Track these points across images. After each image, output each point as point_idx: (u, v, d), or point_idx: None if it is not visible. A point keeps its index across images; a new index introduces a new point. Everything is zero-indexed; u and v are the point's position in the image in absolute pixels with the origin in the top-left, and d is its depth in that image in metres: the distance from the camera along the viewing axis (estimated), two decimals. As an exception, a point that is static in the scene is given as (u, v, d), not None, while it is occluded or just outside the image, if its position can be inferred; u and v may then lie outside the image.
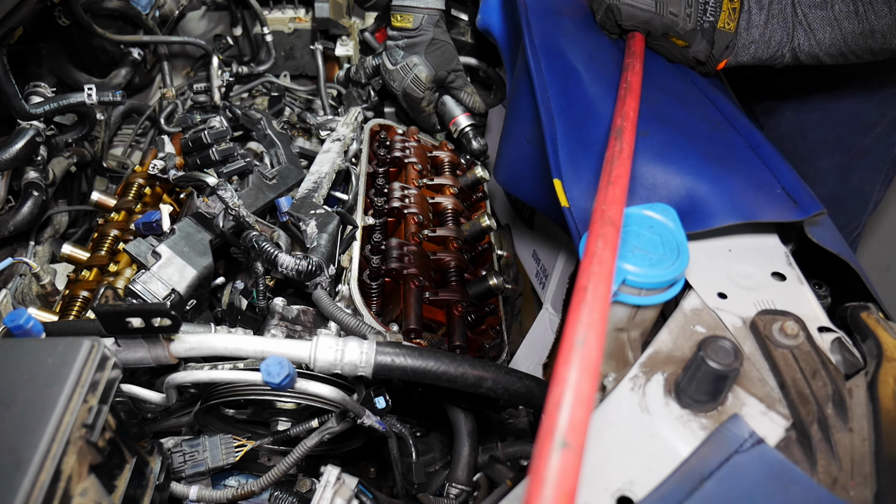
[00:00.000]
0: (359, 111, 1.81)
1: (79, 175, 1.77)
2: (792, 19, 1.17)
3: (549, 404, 0.57)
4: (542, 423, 0.56)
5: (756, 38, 1.19)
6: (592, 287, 0.66)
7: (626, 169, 0.83)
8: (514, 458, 1.22)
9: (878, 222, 2.69)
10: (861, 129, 1.68)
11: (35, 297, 1.42)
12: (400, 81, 1.66)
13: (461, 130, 1.72)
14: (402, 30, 1.62)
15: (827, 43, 1.18)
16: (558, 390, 0.57)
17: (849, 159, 1.72)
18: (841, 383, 0.75)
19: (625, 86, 1.00)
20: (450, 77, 1.68)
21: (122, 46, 1.82)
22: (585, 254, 0.71)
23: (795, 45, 1.19)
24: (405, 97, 1.69)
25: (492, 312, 1.46)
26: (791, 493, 0.66)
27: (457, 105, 1.73)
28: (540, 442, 0.54)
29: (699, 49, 1.20)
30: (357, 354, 0.94)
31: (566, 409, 0.55)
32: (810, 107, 1.72)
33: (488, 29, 1.63)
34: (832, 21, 1.16)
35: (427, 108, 1.71)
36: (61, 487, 0.64)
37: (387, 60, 1.67)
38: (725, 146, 1.07)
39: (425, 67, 1.63)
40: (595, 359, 0.59)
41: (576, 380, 0.57)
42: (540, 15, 1.25)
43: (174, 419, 1.25)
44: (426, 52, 1.62)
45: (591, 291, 0.65)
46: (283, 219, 1.38)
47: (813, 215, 0.94)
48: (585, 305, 0.64)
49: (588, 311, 0.63)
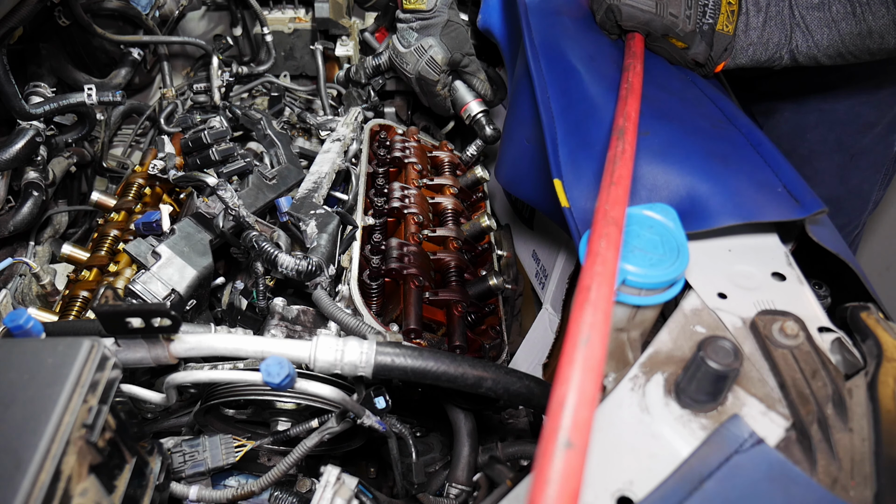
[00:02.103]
0: (359, 111, 1.81)
1: (79, 175, 1.77)
2: (790, 21, 1.18)
3: (553, 404, 0.56)
4: (545, 423, 0.56)
5: (754, 41, 1.20)
6: (596, 287, 0.66)
7: (629, 169, 0.83)
8: (514, 458, 1.22)
9: (878, 222, 2.69)
10: (860, 129, 1.68)
11: (35, 297, 1.42)
12: (414, 64, 1.61)
13: (474, 117, 1.68)
14: (416, 11, 1.58)
15: (825, 44, 1.18)
16: (562, 390, 0.57)
17: (848, 159, 1.72)
18: (841, 383, 0.75)
19: (626, 86, 1.00)
20: (464, 61, 1.63)
21: (122, 46, 1.82)
22: (589, 253, 0.70)
23: (793, 47, 1.20)
24: (419, 80, 1.65)
25: (492, 312, 1.46)
26: (791, 493, 0.66)
27: (468, 91, 1.69)
28: (544, 442, 0.54)
29: (698, 51, 1.20)
30: (357, 354, 0.94)
31: (570, 409, 0.55)
32: (809, 108, 1.72)
33: (489, 29, 1.63)
34: (830, 22, 1.16)
35: (442, 92, 1.67)
36: (61, 487, 0.64)
37: (398, 43, 1.63)
38: (726, 144, 1.07)
39: (441, 49, 1.58)
40: (599, 359, 0.59)
41: (580, 379, 0.57)
42: (540, 15, 1.25)
43: (174, 419, 1.25)
44: (441, 33, 1.58)
45: (594, 291, 0.65)
46: (283, 219, 1.38)
47: (814, 213, 0.94)
48: (589, 305, 0.64)
49: (592, 311, 0.63)
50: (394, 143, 1.71)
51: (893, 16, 1.14)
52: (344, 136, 1.65)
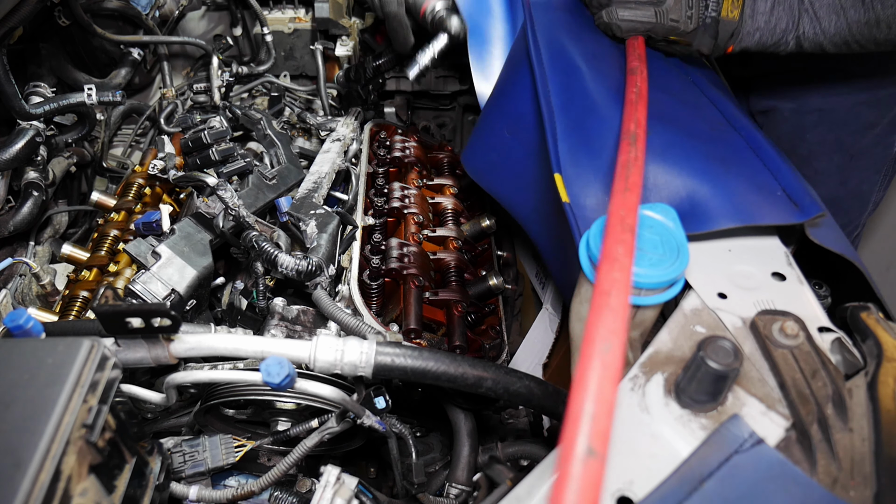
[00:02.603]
0: (359, 111, 1.81)
1: (79, 175, 1.77)
2: (798, 6, 1.17)
3: (572, 412, 0.55)
4: (564, 431, 0.55)
5: (761, 26, 1.19)
6: (615, 293, 0.65)
7: (642, 175, 0.83)
8: (514, 458, 1.22)
9: (878, 222, 2.69)
10: (860, 129, 1.68)
11: (35, 297, 1.42)
12: None
13: (435, 13, 1.39)
14: None
15: (832, 31, 1.17)
16: (582, 397, 0.56)
17: (847, 160, 1.72)
18: (841, 383, 0.75)
19: (634, 90, 0.99)
20: None
21: (122, 46, 1.81)
22: (605, 257, 0.70)
23: (800, 33, 1.19)
24: None
25: (492, 312, 1.46)
26: (791, 493, 0.66)
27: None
28: (564, 449, 0.53)
29: (702, 43, 1.21)
30: (357, 354, 0.94)
31: (591, 417, 0.54)
32: (809, 108, 1.72)
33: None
34: (838, 9, 1.15)
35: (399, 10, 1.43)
36: (61, 487, 0.64)
37: None
38: (726, 147, 1.07)
39: None
40: (619, 366, 0.58)
41: (601, 387, 0.56)
42: (543, 10, 1.25)
43: (174, 419, 1.25)
44: None
45: (614, 296, 0.64)
46: (283, 219, 1.38)
47: (813, 217, 0.94)
48: (609, 310, 0.63)
49: (612, 318, 0.62)
50: (394, 143, 1.71)
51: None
52: (344, 136, 1.65)
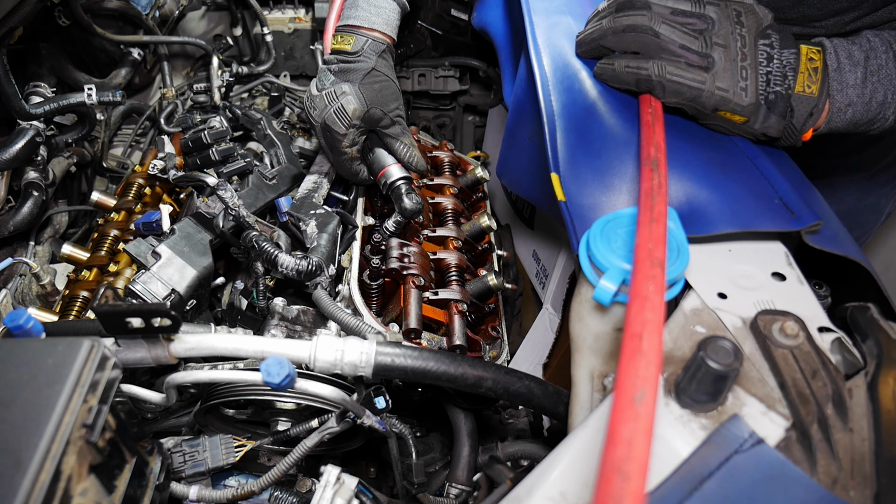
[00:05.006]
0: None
1: (79, 175, 1.77)
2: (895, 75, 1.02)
3: (606, 468, 0.54)
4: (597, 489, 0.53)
5: (854, 100, 1.02)
6: (647, 335, 0.61)
7: (667, 203, 0.79)
8: (514, 458, 1.22)
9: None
10: (883, 149, 1.62)
11: (35, 297, 1.42)
12: (321, 110, 1.29)
13: (391, 184, 1.36)
14: (340, 52, 1.33)
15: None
16: (618, 453, 0.54)
17: (868, 178, 1.68)
18: (841, 383, 0.75)
19: (650, 111, 0.97)
20: (385, 120, 1.34)
21: (122, 46, 1.81)
22: (635, 297, 0.67)
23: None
24: (323, 131, 1.32)
25: (492, 312, 1.46)
26: (791, 493, 0.66)
27: (389, 155, 1.40)
28: None
29: (769, 124, 1.03)
30: (357, 354, 0.94)
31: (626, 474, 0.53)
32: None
33: (484, 28, 1.62)
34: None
35: (349, 151, 1.34)
36: (61, 487, 0.64)
37: (313, 86, 1.33)
38: (724, 154, 1.08)
39: (355, 99, 1.28)
40: (652, 417, 0.56)
41: (635, 442, 0.54)
42: (543, 14, 1.25)
43: (174, 419, 1.25)
44: (361, 82, 1.30)
45: (646, 340, 0.61)
46: (283, 219, 1.38)
47: (809, 226, 0.95)
48: (641, 357, 0.59)
49: (645, 365, 0.59)
50: (394, 143, 1.71)
51: None
52: (344, 136, 1.65)
